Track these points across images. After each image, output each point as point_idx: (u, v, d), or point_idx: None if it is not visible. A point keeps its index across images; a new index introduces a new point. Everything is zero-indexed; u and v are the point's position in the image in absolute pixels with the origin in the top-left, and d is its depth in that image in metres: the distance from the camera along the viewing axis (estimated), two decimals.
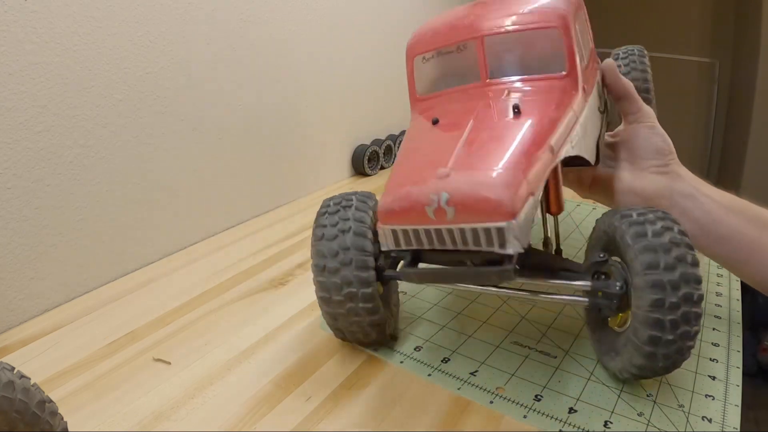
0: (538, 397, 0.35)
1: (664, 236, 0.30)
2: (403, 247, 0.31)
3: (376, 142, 0.92)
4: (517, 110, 0.32)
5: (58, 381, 0.39)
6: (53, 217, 0.50)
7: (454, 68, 0.39)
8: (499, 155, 0.29)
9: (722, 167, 1.92)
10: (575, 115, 0.34)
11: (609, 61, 0.44)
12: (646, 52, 0.54)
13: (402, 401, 0.35)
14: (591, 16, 0.44)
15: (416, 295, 0.49)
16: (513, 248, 0.27)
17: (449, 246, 0.29)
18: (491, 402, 0.35)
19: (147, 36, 0.56)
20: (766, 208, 0.41)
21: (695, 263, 0.30)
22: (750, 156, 1.70)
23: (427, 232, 0.30)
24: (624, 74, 0.50)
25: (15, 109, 0.45)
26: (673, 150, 0.44)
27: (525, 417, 0.33)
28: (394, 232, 0.31)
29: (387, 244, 0.32)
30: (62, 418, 0.26)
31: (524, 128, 0.31)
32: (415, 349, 0.41)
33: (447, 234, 0.29)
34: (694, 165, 0.57)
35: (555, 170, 0.32)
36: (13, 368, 0.24)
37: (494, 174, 0.28)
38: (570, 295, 0.36)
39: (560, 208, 0.34)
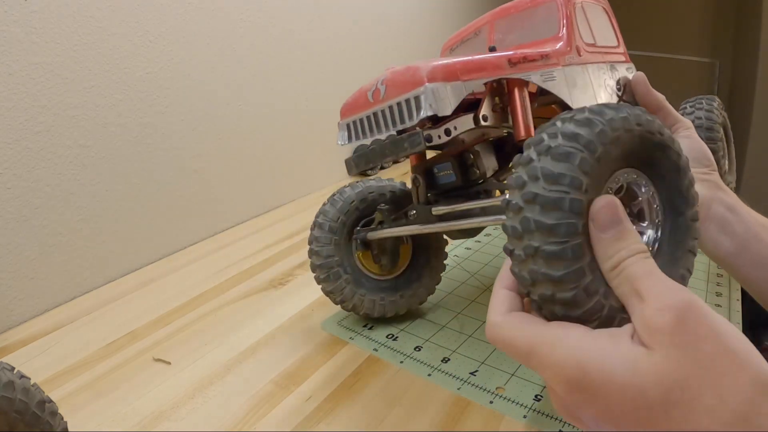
0: (538, 397, 0.35)
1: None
2: (354, 140, 0.36)
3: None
4: (492, 49, 0.37)
5: (58, 381, 0.39)
6: (53, 217, 0.50)
7: (471, 51, 0.43)
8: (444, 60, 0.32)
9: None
10: (558, 63, 0.36)
11: (639, 73, 0.42)
12: (717, 98, 0.53)
13: (402, 401, 0.35)
14: None
15: None
16: (425, 112, 0.30)
17: (383, 131, 0.33)
18: (491, 402, 0.35)
19: (147, 36, 0.56)
20: (766, 207, 0.40)
21: (562, 157, 0.22)
22: (750, 156, 1.70)
23: (368, 118, 0.34)
24: (688, 113, 0.50)
25: (15, 109, 0.45)
26: (714, 163, 0.41)
27: (525, 417, 0.34)
28: (347, 125, 0.36)
29: (343, 138, 0.37)
30: (62, 418, 0.26)
31: (485, 53, 0.34)
32: (415, 349, 0.41)
33: (381, 116, 0.33)
34: None
35: (520, 92, 0.33)
36: (13, 368, 0.24)
37: (427, 62, 0.31)
38: (496, 215, 0.34)
39: (529, 135, 0.33)
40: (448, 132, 0.31)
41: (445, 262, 0.45)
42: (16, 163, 0.46)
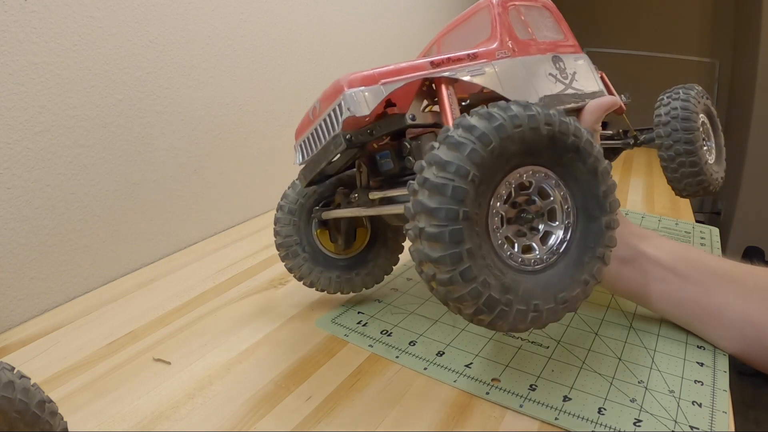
0: (533, 386, 0.36)
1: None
2: (306, 158, 0.38)
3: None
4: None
5: (58, 381, 0.39)
6: (53, 217, 0.50)
7: None
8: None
9: None
10: (486, 59, 0.37)
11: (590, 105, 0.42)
12: (696, 86, 0.53)
13: (402, 401, 0.35)
14: (591, 18, 0.45)
15: (407, 291, 0.50)
16: (344, 115, 0.32)
17: (323, 142, 0.36)
18: (487, 393, 0.35)
19: (147, 36, 0.56)
20: (766, 207, 0.41)
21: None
22: (750, 156, 1.70)
23: (312, 135, 0.37)
24: (664, 105, 0.52)
25: (15, 109, 0.45)
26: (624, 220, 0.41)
27: (521, 406, 0.34)
28: (300, 145, 0.39)
29: (298, 158, 0.40)
30: (62, 418, 0.26)
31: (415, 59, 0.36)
32: (409, 344, 0.41)
33: (320, 129, 0.36)
34: None
35: (446, 88, 0.34)
36: (13, 368, 0.24)
37: (350, 74, 0.33)
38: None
39: None
40: (371, 132, 0.33)
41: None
42: (16, 163, 0.46)
